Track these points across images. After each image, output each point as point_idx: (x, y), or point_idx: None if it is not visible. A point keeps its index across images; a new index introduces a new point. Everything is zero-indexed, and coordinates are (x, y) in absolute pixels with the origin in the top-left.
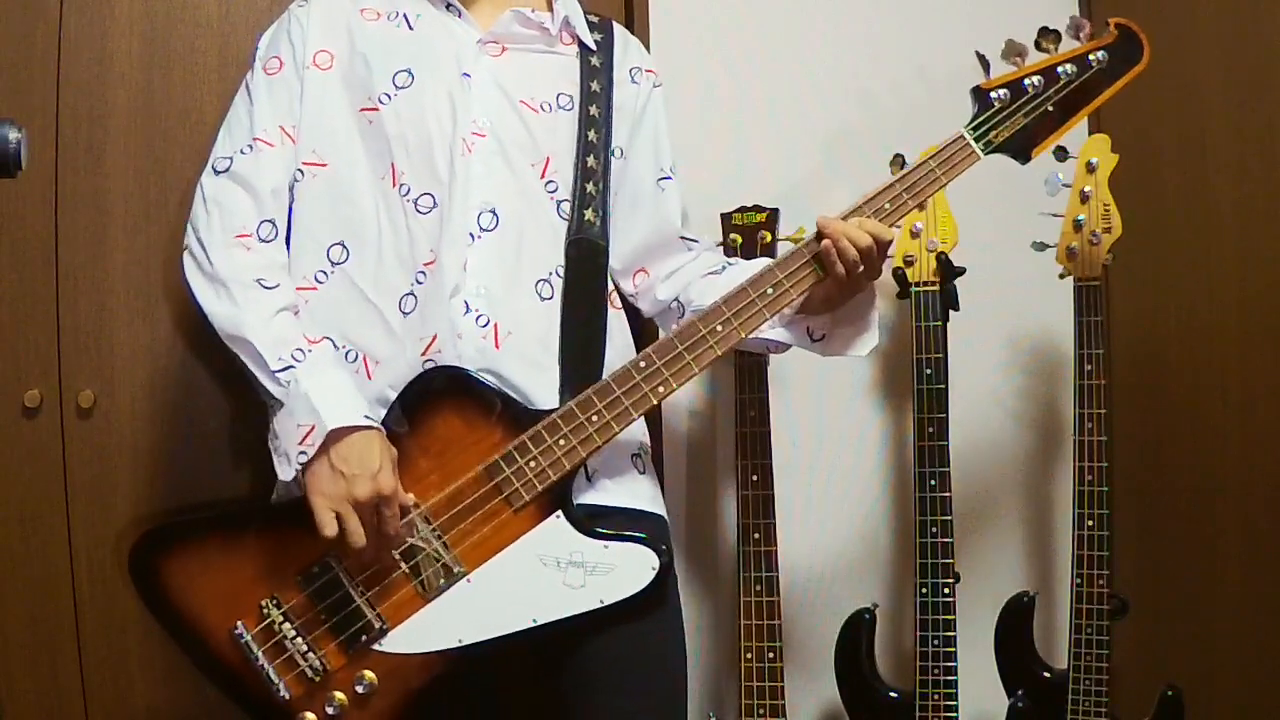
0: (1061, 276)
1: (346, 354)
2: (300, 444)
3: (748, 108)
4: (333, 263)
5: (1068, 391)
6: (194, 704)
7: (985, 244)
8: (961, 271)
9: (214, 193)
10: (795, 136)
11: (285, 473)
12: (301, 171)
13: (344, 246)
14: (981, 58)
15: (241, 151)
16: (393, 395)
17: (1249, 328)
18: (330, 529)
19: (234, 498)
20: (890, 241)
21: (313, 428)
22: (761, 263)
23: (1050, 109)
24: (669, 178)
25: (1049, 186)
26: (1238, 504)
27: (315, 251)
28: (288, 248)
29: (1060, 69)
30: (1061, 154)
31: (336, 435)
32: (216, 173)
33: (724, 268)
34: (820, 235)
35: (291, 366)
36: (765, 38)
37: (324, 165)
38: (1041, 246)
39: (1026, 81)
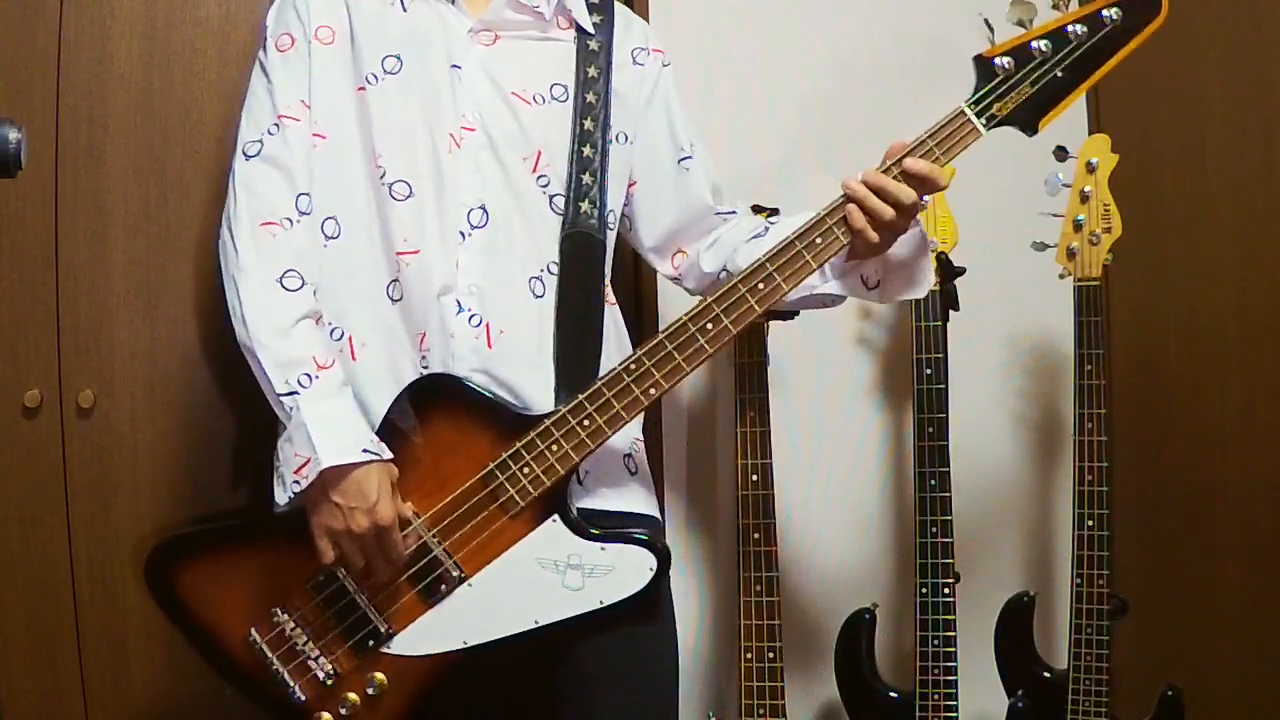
0: (1061, 276)
1: (332, 331)
2: (296, 474)
3: (748, 104)
4: (326, 237)
5: (1068, 391)
6: (193, 704)
7: (985, 244)
8: (961, 271)
9: (245, 178)
10: (797, 131)
11: (280, 497)
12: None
13: (336, 222)
14: (986, 22)
15: (269, 132)
16: (381, 376)
17: (1249, 327)
18: (328, 558)
19: (238, 505)
20: (944, 188)
21: (308, 461)
22: (798, 222)
23: (1059, 74)
24: (690, 156)
25: (1049, 186)
26: (1238, 504)
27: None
28: None
29: (1070, 29)
30: (1061, 154)
31: (333, 473)
32: (248, 157)
33: (766, 229)
34: (847, 199)
35: (295, 393)
36: (766, 31)
37: (324, 138)
38: (1041, 246)
39: (1034, 45)
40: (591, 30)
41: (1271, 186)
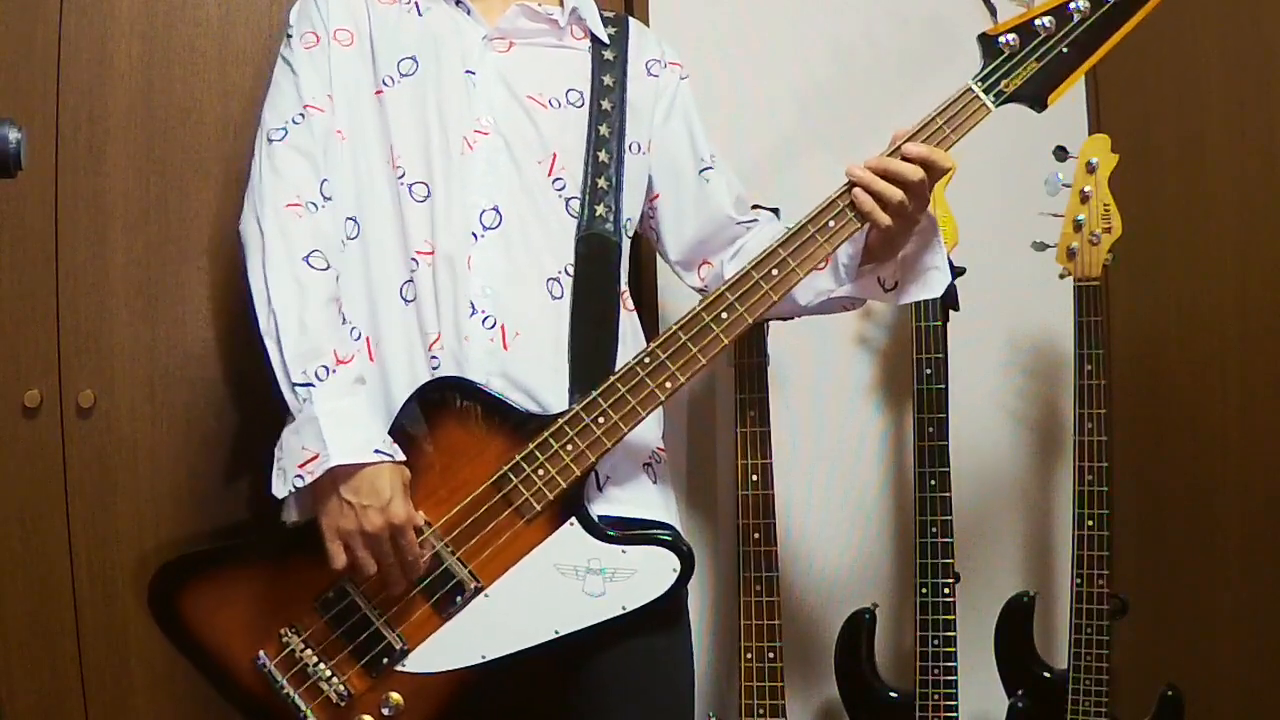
0: (1061, 276)
1: (351, 330)
2: (300, 467)
3: (747, 93)
4: (347, 236)
5: (1068, 391)
6: (193, 705)
7: (985, 244)
8: (961, 271)
9: (271, 160)
10: (797, 120)
11: (279, 489)
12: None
13: (356, 222)
14: (987, 1)
15: (294, 120)
16: (398, 377)
17: (1249, 327)
18: (339, 561)
19: (239, 519)
20: (948, 169)
21: (316, 456)
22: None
23: (1065, 50)
24: (711, 167)
25: (1049, 186)
26: (1238, 504)
27: None
28: None
29: (1072, 6)
30: (1061, 154)
31: (343, 471)
32: (271, 142)
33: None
34: (851, 185)
35: (311, 385)
36: (762, 20)
37: (343, 137)
38: (1041, 246)
39: (1037, 23)
40: (606, 40)
41: (1271, 186)
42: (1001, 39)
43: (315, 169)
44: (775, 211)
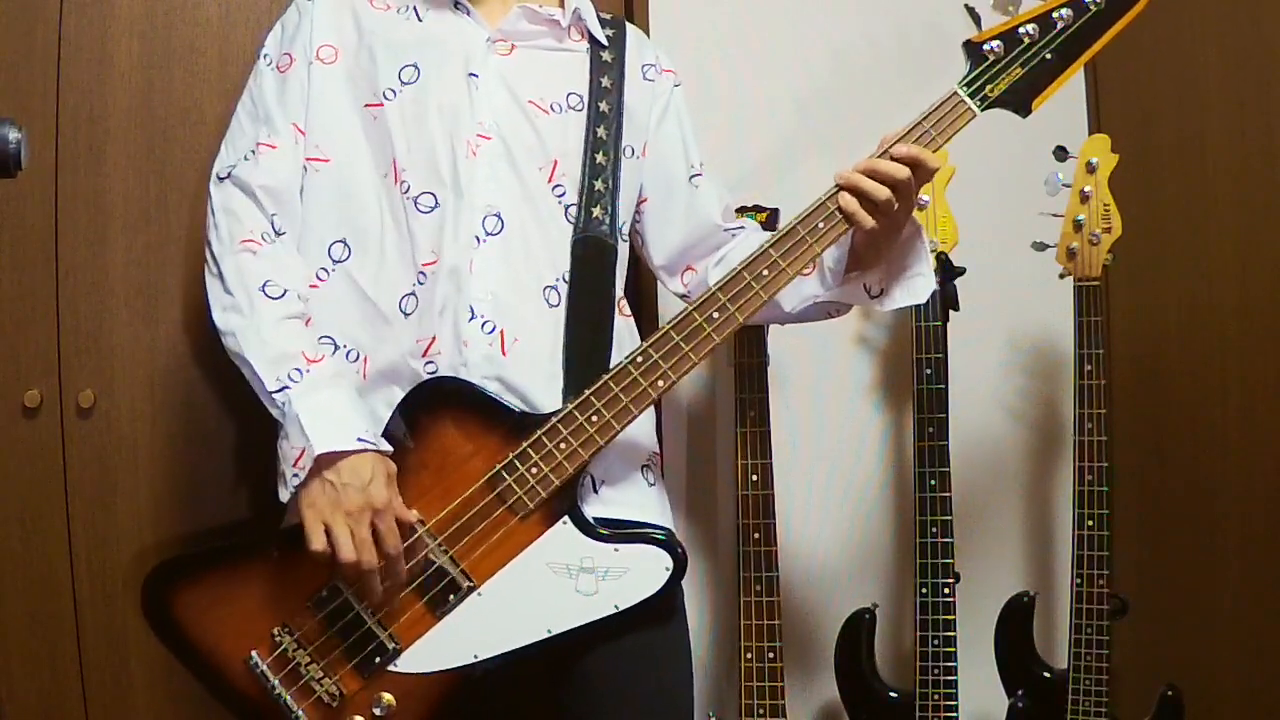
0: (1061, 276)
1: (348, 354)
2: (294, 466)
3: (745, 97)
4: (334, 260)
5: (1068, 391)
6: (193, 704)
7: (985, 244)
8: (961, 271)
9: (220, 201)
10: (795, 124)
11: (283, 494)
12: (305, 167)
13: (345, 244)
14: (971, 10)
15: (245, 158)
16: (395, 392)
17: (1249, 327)
18: (318, 541)
19: (237, 519)
20: (936, 169)
21: (303, 451)
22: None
23: (1048, 57)
24: (701, 174)
25: (1049, 186)
26: (1238, 504)
27: (317, 249)
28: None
29: (1055, 14)
30: (1061, 154)
31: (328, 458)
32: (220, 180)
33: None
34: (838, 188)
35: (286, 387)
36: (762, 25)
37: (326, 161)
38: (1041, 246)
39: (1021, 30)
40: (605, 42)
41: (1272, 186)
42: (986, 46)
43: (262, 207)
44: (775, 211)
